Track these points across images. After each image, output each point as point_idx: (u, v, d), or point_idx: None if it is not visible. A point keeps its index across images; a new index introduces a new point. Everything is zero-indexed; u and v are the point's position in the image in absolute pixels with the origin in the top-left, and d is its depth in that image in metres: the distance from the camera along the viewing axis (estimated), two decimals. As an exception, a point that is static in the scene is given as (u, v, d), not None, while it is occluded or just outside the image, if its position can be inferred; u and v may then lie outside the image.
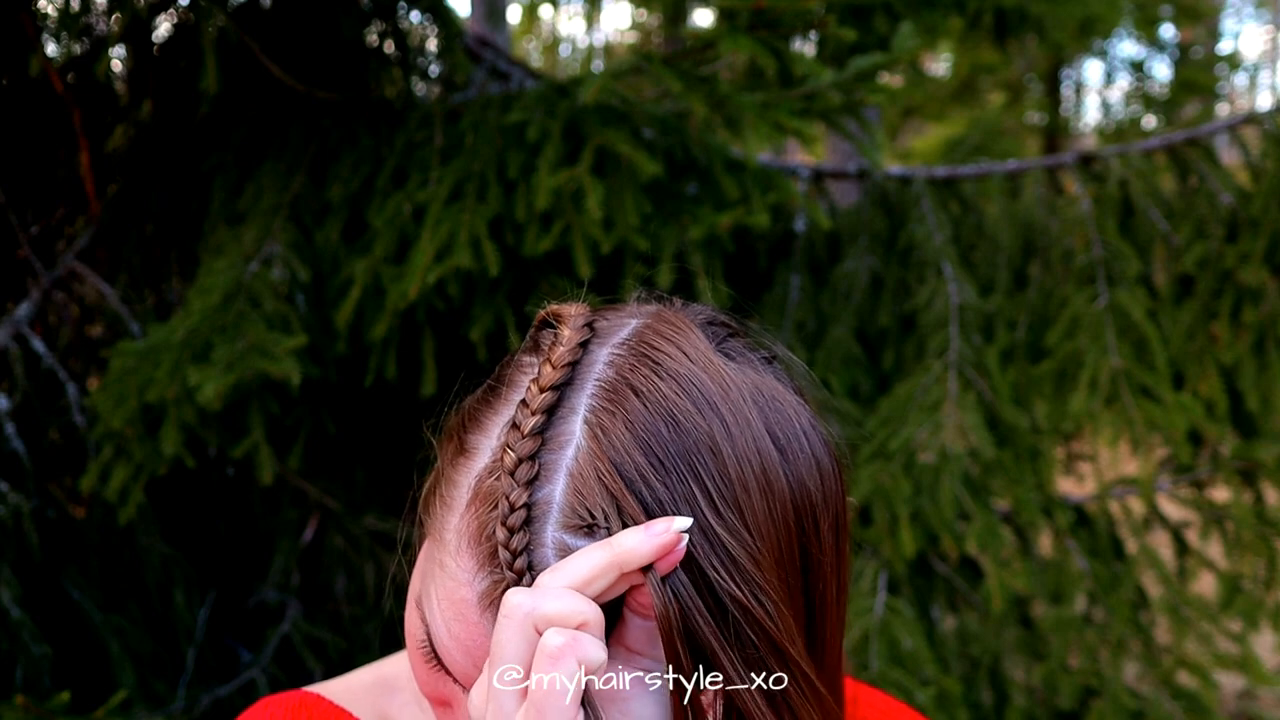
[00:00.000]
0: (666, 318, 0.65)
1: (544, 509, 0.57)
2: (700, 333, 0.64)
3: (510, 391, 0.64)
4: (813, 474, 0.61)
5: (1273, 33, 20.55)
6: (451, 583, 0.60)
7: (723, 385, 0.60)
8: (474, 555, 0.59)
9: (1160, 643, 2.11)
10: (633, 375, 0.60)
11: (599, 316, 0.66)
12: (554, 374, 0.60)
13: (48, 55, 1.86)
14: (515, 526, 0.56)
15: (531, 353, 0.66)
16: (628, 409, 0.58)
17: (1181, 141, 2.14)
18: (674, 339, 0.62)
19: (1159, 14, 11.59)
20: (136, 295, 1.99)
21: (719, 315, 0.70)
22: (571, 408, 0.59)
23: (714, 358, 0.62)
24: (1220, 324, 2.02)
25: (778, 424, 0.61)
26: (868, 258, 2.16)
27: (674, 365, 0.60)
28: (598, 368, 0.61)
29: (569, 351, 0.61)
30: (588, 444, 0.58)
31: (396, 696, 0.79)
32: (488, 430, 0.62)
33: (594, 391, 0.60)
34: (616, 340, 0.63)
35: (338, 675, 0.84)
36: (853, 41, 1.91)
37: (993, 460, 1.90)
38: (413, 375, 1.77)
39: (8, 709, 1.38)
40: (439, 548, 0.61)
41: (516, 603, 0.53)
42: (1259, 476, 2.12)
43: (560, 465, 0.58)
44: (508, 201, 1.66)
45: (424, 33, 2.07)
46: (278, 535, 2.01)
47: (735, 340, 0.68)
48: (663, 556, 0.53)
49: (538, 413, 0.58)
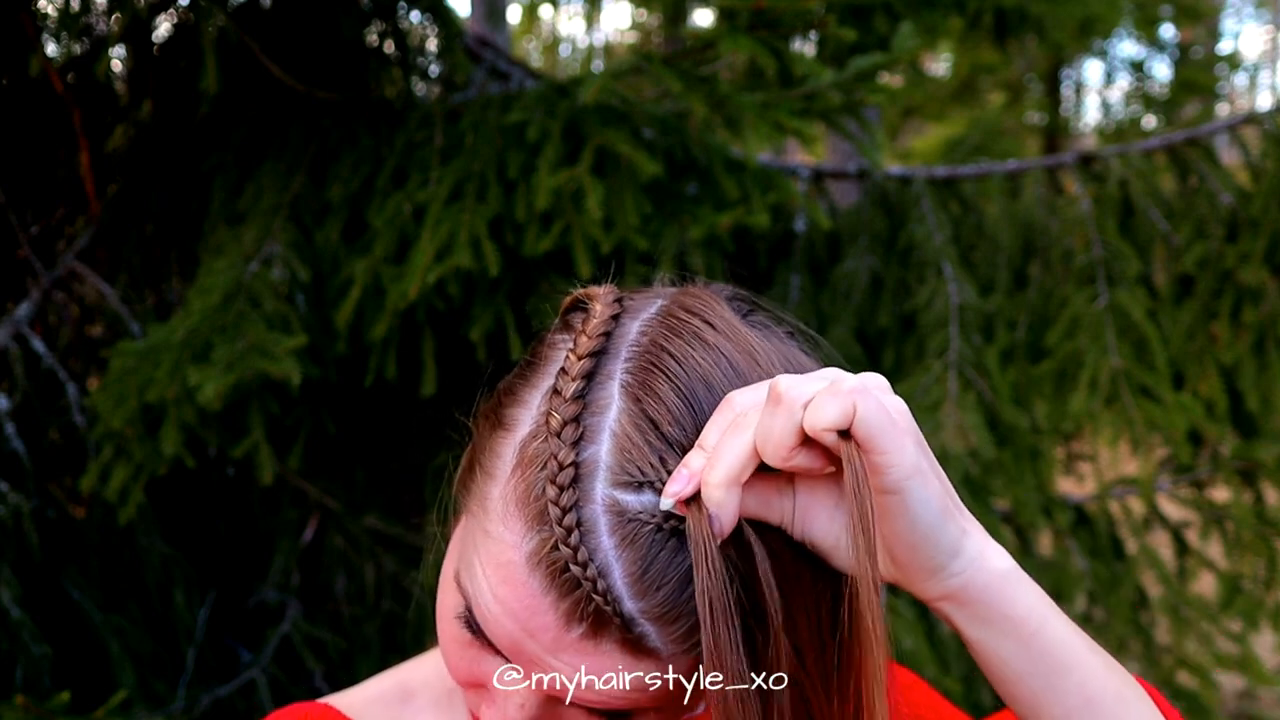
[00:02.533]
0: (692, 293, 0.68)
1: (591, 467, 0.58)
2: (726, 305, 0.67)
3: (546, 365, 0.65)
4: None
5: (1273, 33, 20.56)
6: (497, 546, 0.60)
7: (751, 352, 0.63)
8: (521, 517, 0.59)
9: (1160, 643, 2.11)
10: (667, 341, 0.62)
11: (627, 295, 0.68)
12: (590, 343, 0.62)
13: (48, 55, 1.86)
14: (565, 484, 0.57)
15: (563, 331, 0.67)
16: (665, 370, 0.60)
17: (1181, 141, 2.14)
18: (701, 311, 0.64)
19: (1159, 14, 11.59)
20: (136, 295, 1.98)
21: (741, 291, 0.72)
22: (608, 374, 0.61)
23: (742, 328, 0.65)
24: (1220, 324, 2.02)
25: None
26: (868, 258, 2.16)
27: (704, 335, 0.62)
28: (631, 336, 0.63)
29: (603, 323, 0.63)
30: (628, 405, 0.59)
31: (411, 704, 0.78)
32: (526, 403, 0.64)
33: (629, 356, 0.62)
34: (647, 314, 0.65)
35: (337, 675, 0.84)
36: (853, 41, 1.91)
37: (993, 460, 1.90)
38: (413, 375, 1.77)
39: (8, 709, 1.38)
40: (482, 517, 0.62)
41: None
42: (1259, 476, 2.12)
43: (603, 426, 0.59)
44: (508, 201, 1.67)
45: (424, 33, 2.07)
46: (278, 535, 2.01)
47: (758, 314, 0.70)
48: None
49: (578, 378, 0.60)
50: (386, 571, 2.01)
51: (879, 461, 0.54)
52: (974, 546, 0.59)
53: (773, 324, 0.70)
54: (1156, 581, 2.13)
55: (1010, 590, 0.59)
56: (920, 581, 0.59)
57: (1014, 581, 0.59)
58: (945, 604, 0.60)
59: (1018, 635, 0.59)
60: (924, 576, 0.59)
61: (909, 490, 0.55)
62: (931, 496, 0.56)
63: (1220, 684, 2.17)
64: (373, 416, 2.05)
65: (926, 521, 0.57)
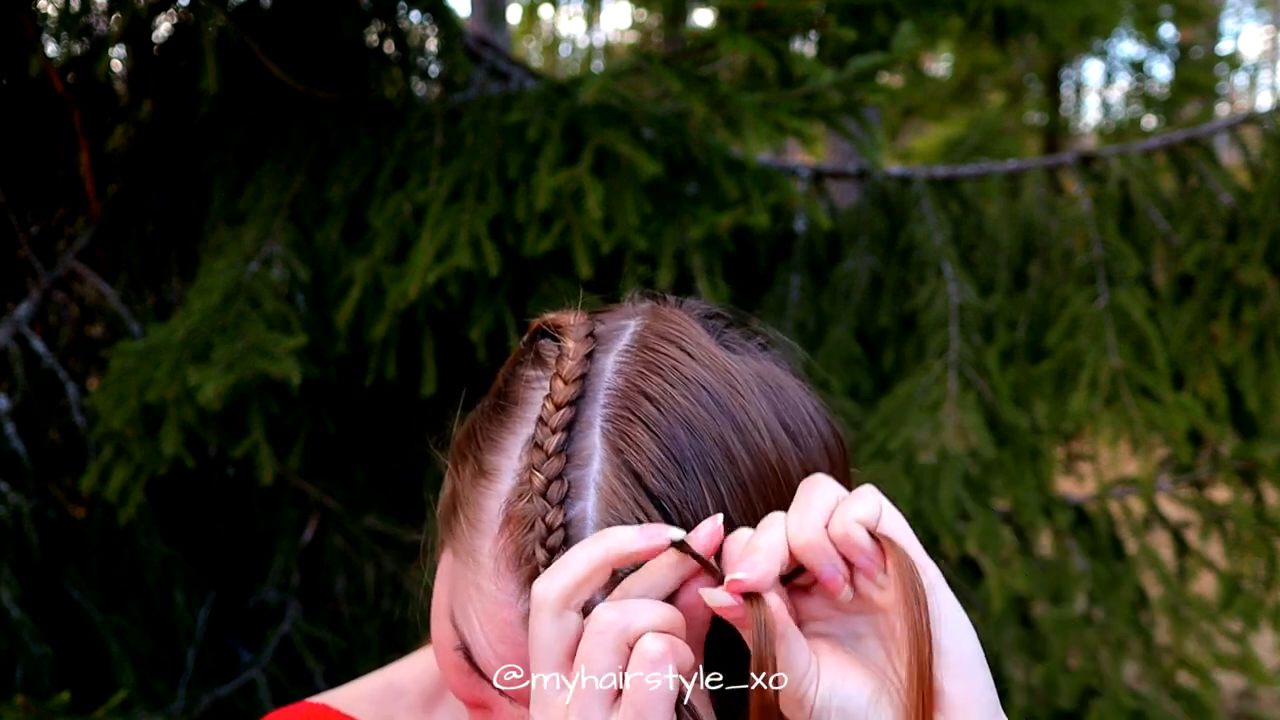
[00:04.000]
0: (664, 316, 0.66)
1: (579, 527, 0.58)
2: (701, 328, 0.65)
3: (522, 409, 0.63)
4: (824, 456, 0.63)
5: (1273, 33, 20.56)
6: (493, 605, 0.60)
7: (730, 380, 0.61)
8: (514, 578, 0.59)
9: (1160, 643, 2.11)
10: (643, 382, 0.60)
11: (597, 321, 0.66)
12: (567, 389, 0.60)
13: (48, 55, 1.86)
14: (555, 547, 0.56)
15: (535, 365, 0.65)
16: (644, 417, 0.59)
17: (1181, 141, 2.14)
18: (677, 339, 0.63)
19: (1159, 14, 11.59)
20: (136, 295, 1.99)
21: (713, 308, 0.70)
22: (588, 421, 0.60)
23: (718, 352, 0.63)
24: (1220, 324, 2.02)
25: (786, 411, 0.62)
26: (868, 258, 2.16)
27: (681, 368, 0.61)
28: (607, 376, 0.61)
29: (578, 364, 0.61)
30: (610, 455, 0.58)
31: (401, 701, 0.79)
32: (506, 450, 0.62)
33: (606, 402, 0.60)
34: (621, 346, 0.63)
35: (338, 675, 0.84)
36: (853, 41, 1.91)
37: (993, 460, 1.90)
38: (413, 375, 1.77)
39: (8, 709, 1.38)
40: (473, 570, 0.61)
41: (609, 619, 0.53)
42: (1259, 476, 2.12)
43: (588, 481, 0.58)
44: (508, 201, 1.67)
45: (424, 33, 2.07)
46: (278, 535, 2.01)
47: (732, 331, 0.68)
48: (649, 553, 0.54)
49: (558, 430, 0.59)
50: (386, 571, 2.01)
51: (913, 560, 0.54)
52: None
53: (746, 339, 0.68)
54: (1156, 581, 2.13)
55: None
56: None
57: None
58: None
59: None
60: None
61: (943, 591, 0.55)
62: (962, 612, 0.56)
63: (1220, 684, 2.17)
64: (373, 416, 2.05)
65: (970, 637, 0.55)
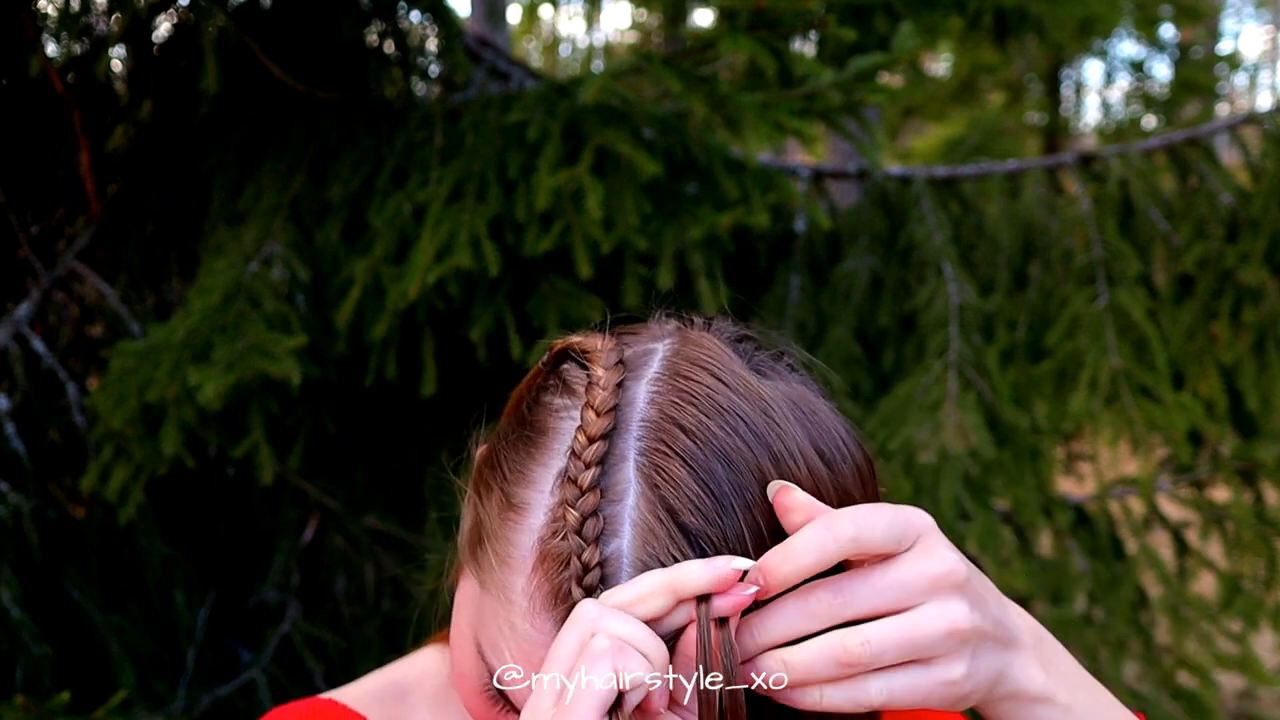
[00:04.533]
0: (694, 340, 0.64)
1: (615, 564, 0.57)
2: (732, 352, 0.64)
3: (551, 440, 0.62)
4: (856, 481, 0.63)
5: (1273, 33, 20.55)
6: (529, 645, 0.59)
7: (765, 409, 0.60)
8: (551, 617, 0.58)
9: (1160, 643, 2.11)
10: (678, 413, 0.59)
11: (625, 345, 0.65)
12: (600, 421, 0.59)
13: (48, 55, 1.86)
14: (592, 586, 0.56)
15: (563, 394, 0.64)
16: (680, 450, 0.58)
17: (1181, 141, 2.14)
18: (708, 365, 0.62)
19: (1159, 14, 11.59)
20: (136, 295, 1.98)
21: (742, 330, 0.69)
22: (621, 455, 0.59)
23: (750, 378, 0.62)
24: (1220, 324, 2.02)
25: (820, 438, 0.62)
26: (868, 258, 2.16)
27: (716, 396, 0.60)
28: (639, 406, 0.60)
29: (610, 394, 0.60)
30: (645, 490, 0.57)
31: (408, 700, 0.79)
32: (535, 483, 0.61)
33: (641, 434, 0.59)
34: (652, 374, 0.62)
35: (337, 675, 0.85)
36: (853, 41, 1.91)
37: (993, 460, 1.90)
38: (413, 375, 1.77)
39: (8, 709, 1.38)
40: (505, 607, 0.60)
41: (586, 613, 0.54)
42: (1259, 476, 2.12)
43: (623, 516, 0.57)
44: (508, 201, 1.66)
45: (424, 33, 2.07)
46: (278, 535, 2.01)
47: (761, 353, 0.67)
48: (720, 590, 0.54)
49: (592, 465, 0.57)
50: (386, 571, 2.01)
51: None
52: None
53: (775, 361, 0.67)
54: (1156, 581, 2.13)
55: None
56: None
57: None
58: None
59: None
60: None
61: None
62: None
63: (1220, 684, 2.17)
64: (373, 416, 2.05)
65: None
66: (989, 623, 0.57)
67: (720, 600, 0.54)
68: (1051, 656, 0.61)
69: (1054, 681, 0.60)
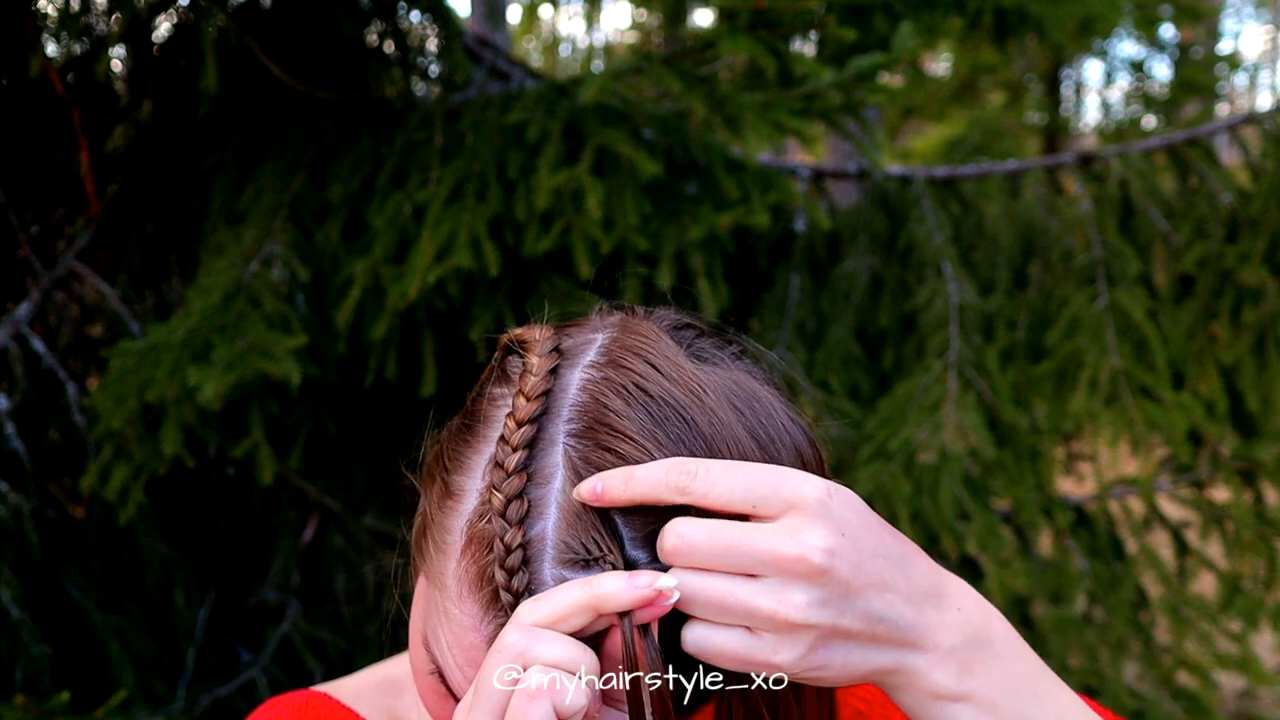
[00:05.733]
0: (633, 328, 0.64)
1: (539, 546, 0.57)
2: (669, 339, 0.64)
3: (486, 428, 0.63)
4: (797, 466, 0.61)
5: (1273, 33, 20.55)
6: (459, 629, 0.59)
7: (698, 395, 0.59)
8: (477, 600, 0.58)
9: (1160, 643, 2.11)
10: (608, 399, 0.59)
11: (564, 336, 0.65)
12: (529, 406, 0.59)
13: (48, 55, 1.86)
14: (514, 568, 0.56)
15: (501, 383, 0.65)
16: (608, 437, 0.58)
17: (1181, 141, 2.14)
18: (643, 351, 0.61)
19: (1159, 14, 11.57)
20: (136, 295, 1.98)
21: (684, 317, 0.69)
22: (550, 439, 0.59)
23: (685, 364, 0.61)
24: (1220, 324, 2.02)
25: (758, 424, 0.61)
26: (868, 258, 2.16)
27: (647, 384, 0.59)
28: (571, 392, 0.60)
29: (541, 380, 0.60)
30: (573, 475, 0.57)
31: (403, 697, 0.79)
32: (470, 470, 0.62)
33: (570, 418, 0.59)
34: (586, 360, 0.62)
35: (337, 675, 0.85)
36: (853, 41, 1.91)
37: (993, 460, 1.90)
38: (413, 375, 1.77)
39: (8, 709, 1.38)
40: (440, 593, 0.61)
41: (510, 642, 0.53)
42: (1259, 476, 2.12)
43: (549, 499, 0.57)
44: (508, 201, 1.66)
45: (424, 33, 2.07)
46: (278, 535, 2.01)
47: (703, 340, 0.67)
48: (641, 608, 0.53)
49: (519, 448, 0.58)
50: (386, 571, 2.01)
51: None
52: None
53: (718, 349, 0.66)
54: (1156, 581, 2.13)
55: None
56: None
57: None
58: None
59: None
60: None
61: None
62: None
63: (1220, 684, 2.17)
64: (373, 416, 2.05)
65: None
66: (851, 620, 0.54)
67: (642, 612, 0.53)
68: (984, 659, 0.58)
69: (977, 684, 0.57)
